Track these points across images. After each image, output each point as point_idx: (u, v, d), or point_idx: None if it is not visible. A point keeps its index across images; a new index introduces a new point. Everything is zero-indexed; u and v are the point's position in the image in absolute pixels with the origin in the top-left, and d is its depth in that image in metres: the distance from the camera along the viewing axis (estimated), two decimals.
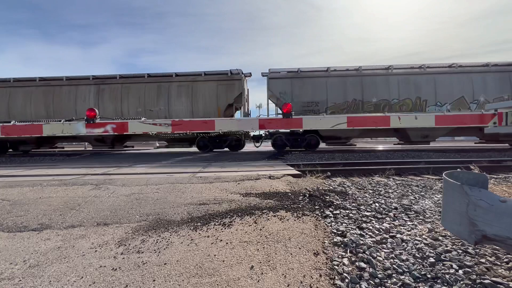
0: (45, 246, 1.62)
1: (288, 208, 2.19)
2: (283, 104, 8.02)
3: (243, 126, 8.08)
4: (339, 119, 8.09)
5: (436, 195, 2.74)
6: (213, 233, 1.74)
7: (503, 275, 1.20)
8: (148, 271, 1.30)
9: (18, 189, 2.83)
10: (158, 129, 8.06)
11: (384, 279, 1.21)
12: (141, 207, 2.26)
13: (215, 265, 1.35)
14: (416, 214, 2.10)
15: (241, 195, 2.60)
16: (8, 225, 1.95)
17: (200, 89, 9.59)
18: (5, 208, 2.28)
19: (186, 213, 2.11)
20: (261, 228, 1.79)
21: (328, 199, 2.49)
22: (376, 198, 2.62)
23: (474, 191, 1.21)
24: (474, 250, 1.44)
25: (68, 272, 1.32)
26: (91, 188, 2.84)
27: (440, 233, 1.67)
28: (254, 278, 1.24)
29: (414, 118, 7.84)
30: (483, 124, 7.77)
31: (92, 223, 1.97)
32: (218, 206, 2.26)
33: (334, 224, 1.88)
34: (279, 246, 1.54)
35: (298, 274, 1.26)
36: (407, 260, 1.36)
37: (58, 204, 2.36)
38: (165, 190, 2.73)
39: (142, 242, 1.63)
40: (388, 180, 3.70)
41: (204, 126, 8.18)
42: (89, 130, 8.09)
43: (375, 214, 2.09)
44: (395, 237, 1.65)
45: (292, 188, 2.88)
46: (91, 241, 1.67)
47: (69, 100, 9.68)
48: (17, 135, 7.95)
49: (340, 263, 1.35)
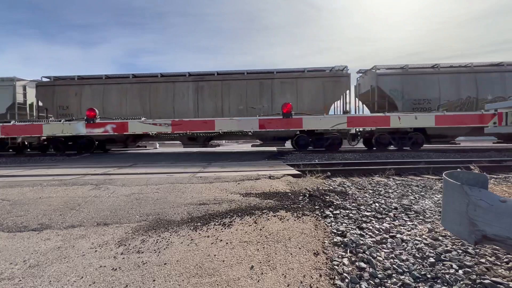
0: (45, 246, 1.62)
1: (288, 208, 2.19)
2: (283, 104, 8.01)
3: (243, 126, 8.07)
4: (339, 119, 8.10)
5: (436, 195, 2.74)
6: (213, 233, 1.74)
7: (503, 275, 1.20)
8: (148, 271, 1.30)
9: (18, 189, 2.83)
10: (158, 129, 8.04)
11: (384, 279, 1.21)
12: (141, 207, 2.26)
13: (215, 265, 1.35)
14: (416, 214, 2.10)
15: (241, 195, 2.60)
16: (8, 225, 1.95)
17: (305, 86, 9.19)
18: (5, 208, 2.28)
19: (186, 213, 2.11)
20: (261, 228, 1.79)
21: (328, 199, 2.49)
22: (376, 198, 2.62)
23: (474, 191, 1.21)
24: (474, 250, 1.44)
25: (68, 272, 1.32)
26: (91, 188, 2.84)
27: (440, 233, 1.67)
28: (254, 278, 1.24)
29: (414, 118, 7.84)
30: (483, 124, 7.78)
31: (92, 223, 1.97)
32: (218, 206, 2.26)
33: (334, 224, 1.88)
34: (279, 246, 1.54)
35: (298, 274, 1.26)
36: (407, 260, 1.36)
37: (58, 204, 2.36)
38: (165, 190, 2.73)
39: (142, 242, 1.63)
40: (388, 180, 3.70)
41: (204, 126, 8.17)
42: (89, 130, 8.08)
43: (375, 214, 2.09)
44: (395, 237, 1.65)
45: (292, 188, 2.88)
46: (91, 241, 1.67)
47: (166, 98, 9.35)
48: (17, 135, 7.95)
49: (340, 263, 1.35)
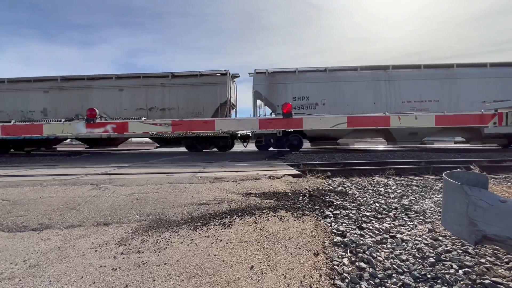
0: (45, 246, 1.62)
1: (288, 208, 2.19)
2: (283, 104, 8.04)
3: (243, 126, 8.08)
4: (339, 119, 8.10)
5: (436, 195, 2.74)
6: (213, 233, 1.74)
7: (503, 275, 1.20)
8: (148, 271, 1.30)
9: (18, 189, 2.83)
10: (158, 129, 8.05)
11: (384, 279, 1.21)
12: (141, 207, 2.26)
13: (215, 265, 1.35)
14: (416, 214, 2.10)
15: (241, 195, 2.60)
16: (8, 225, 1.95)
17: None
18: (5, 208, 2.28)
19: (186, 213, 2.11)
20: (261, 228, 1.79)
21: (328, 199, 2.49)
22: (376, 198, 2.62)
23: (474, 191, 1.21)
24: (474, 250, 1.44)
25: (68, 272, 1.32)
26: (91, 188, 2.84)
27: (440, 233, 1.67)
28: (254, 278, 1.24)
29: (414, 118, 7.85)
30: (483, 124, 7.79)
31: (92, 223, 1.97)
32: (218, 206, 2.26)
33: (334, 224, 1.88)
34: (279, 246, 1.54)
35: (298, 274, 1.26)
36: (407, 260, 1.36)
37: (58, 204, 2.36)
38: (165, 190, 2.73)
39: (142, 242, 1.63)
40: (388, 180, 3.70)
41: (204, 126, 8.17)
42: (89, 130, 8.08)
43: (375, 214, 2.09)
44: (395, 237, 1.65)
45: (292, 188, 2.88)
46: (91, 241, 1.67)
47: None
48: (17, 135, 7.94)
49: (340, 263, 1.35)
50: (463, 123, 8.12)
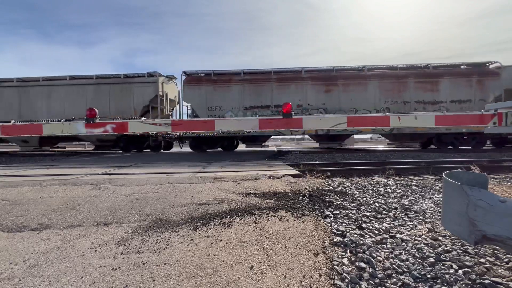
0: (45, 246, 1.62)
1: (288, 208, 2.19)
2: (283, 104, 8.08)
3: (243, 126, 8.13)
4: (339, 119, 8.13)
5: (436, 195, 2.74)
6: (213, 233, 1.74)
7: (503, 275, 1.20)
8: (148, 271, 1.30)
9: (18, 189, 2.83)
10: (158, 129, 8.07)
11: (384, 279, 1.21)
12: (141, 207, 2.26)
13: (215, 265, 1.35)
14: (416, 214, 2.10)
15: (241, 195, 2.60)
16: (8, 225, 1.94)
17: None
18: (5, 208, 2.28)
19: (186, 213, 2.11)
20: (261, 228, 1.79)
21: (328, 199, 2.49)
22: (376, 198, 2.62)
23: (474, 191, 1.21)
24: (474, 250, 1.44)
25: (68, 272, 1.32)
26: (91, 188, 2.84)
27: (440, 233, 1.67)
28: (254, 278, 1.24)
29: (414, 118, 7.87)
30: (483, 124, 7.83)
31: (92, 223, 1.97)
32: (218, 206, 2.26)
33: (334, 224, 1.88)
34: (279, 246, 1.54)
35: (298, 274, 1.26)
36: (407, 260, 1.36)
37: (58, 204, 2.36)
38: (165, 190, 2.73)
39: (142, 242, 1.63)
40: (388, 180, 3.71)
41: (204, 126, 8.20)
42: (89, 130, 8.11)
43: (375, 214, 2.09)
44: (395, 237, 1.65)
45: (292, 188, 2.88)
46: (91, 241, 1.67)
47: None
48: (17, 135, 7.96)
49: (340, 263, 1.35)
50: (464, 123, 8.17)
